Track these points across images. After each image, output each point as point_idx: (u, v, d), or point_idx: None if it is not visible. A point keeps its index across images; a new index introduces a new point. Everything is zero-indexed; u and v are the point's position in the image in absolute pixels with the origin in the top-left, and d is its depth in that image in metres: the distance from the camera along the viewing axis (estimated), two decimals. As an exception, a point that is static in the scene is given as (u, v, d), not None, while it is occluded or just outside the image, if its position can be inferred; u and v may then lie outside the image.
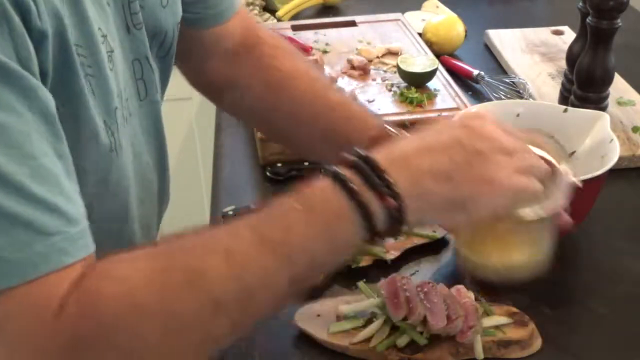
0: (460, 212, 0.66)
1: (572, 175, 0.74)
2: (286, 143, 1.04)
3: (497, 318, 0.85)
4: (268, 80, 0.94)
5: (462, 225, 0.70)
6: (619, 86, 1.33)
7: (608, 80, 1.20)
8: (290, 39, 1.45)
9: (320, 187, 0.63)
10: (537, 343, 0.84)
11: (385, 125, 0.87)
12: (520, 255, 0.77)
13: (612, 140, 0.97)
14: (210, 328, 0.60)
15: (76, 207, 0.58)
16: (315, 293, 0.90)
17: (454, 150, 0.65)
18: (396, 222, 0.63)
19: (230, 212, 1.04)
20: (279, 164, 1.15)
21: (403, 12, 1.63)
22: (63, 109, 0.60)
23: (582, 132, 1.02)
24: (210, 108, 1.41)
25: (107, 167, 0.70)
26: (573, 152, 1.02)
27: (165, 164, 0.88)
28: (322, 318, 0.85)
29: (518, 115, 1.04)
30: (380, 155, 0.64)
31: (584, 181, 0.89)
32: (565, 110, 1.04)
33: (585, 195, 0.93)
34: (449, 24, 1.53)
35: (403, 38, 1.48)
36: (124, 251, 0.60)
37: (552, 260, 0.77)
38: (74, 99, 0.64)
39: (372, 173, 0.62)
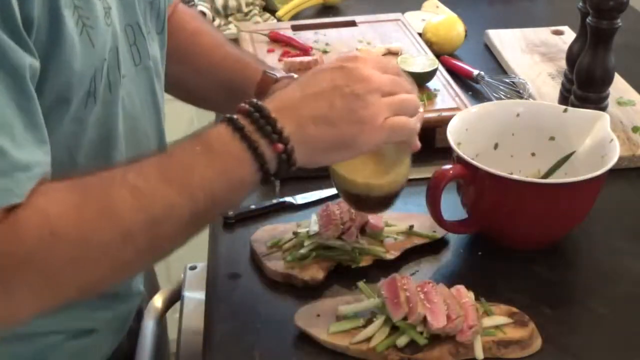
0: (343, 151, 0.75)
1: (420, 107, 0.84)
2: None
3: (497, 318, 0.85)
4: (177, 41, 1.02)
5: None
6: (619, 86, 1.33)
7: (608, 80, 1.20)
8: (291, 39, 1.46)
9: (219, 132, 0.71)
10: (537, 343, 0.84)
11: (266, 70, 0.96)
12: (378, 174, 0.86)
13: (612, 140, 0.97)
14: (119, 256, 0.68)
15: (28, 154, 0.64)
16: (315, 293, 0.90)
17: (333, 94, 0.73)
18: (286, 164, 0.72)
19: (230, 212, 1.04)
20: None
21: (403, 12, 1.63)
22: (49, 54, 0.67)
23: (582, 132, 1.02)
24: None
25: (81, 108, 0.75)
26: (573, 152, 1.02)
27: (163, 135, 0.93)
28: (322, 318, 0.85)
29: (518, 115, 1.04)
30: (271, 105, 0.73)
31: (585, 181, 0.89)
32: (565, 110, 1.04)
33: (585, 195, 0.94)
34: (449, 24, 1.53)
35: (403, 38, 1.48)
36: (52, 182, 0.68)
37: (407, 177, 0.87)
38: (62, 45, 0.69)
39: (263, 121, 0.71)
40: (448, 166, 0.93)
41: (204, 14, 1.62)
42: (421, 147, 0.85)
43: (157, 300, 1.10)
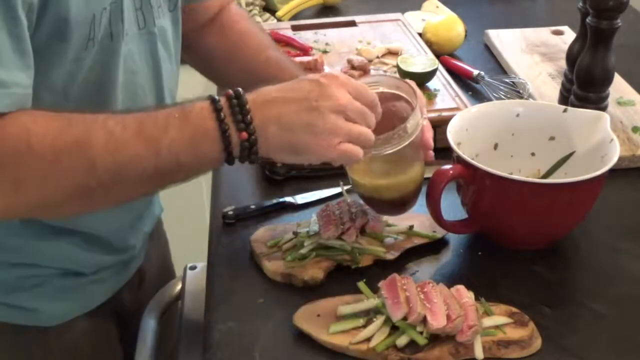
0: (296, 155, 0.83)
1: (425, 115, 0.91)
2: None
3: (497, 318, 0.85)
4: (226, 40, 1.11)
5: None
6: (619, 86, 1.32)
7: (608, 80, 1.20)
8: (291, 39, 1.46)
9: (201, 106, 0.80)
10: (537, 343, 0.84)
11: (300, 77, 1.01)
12: (384, 178, 0.92)
13: (612, 140, 0.97)
14: (83, 183, 0.77)
15: (9, 75, 0.73)
16: (315, 293, 0.90)
17: (301, 104, 0.81)
18: (247, 152, 0.81)
19: (230, 212, 1.04)
20: (279, 164, 1.15)
21: (403, 12, 1.63)
22: None
23: (582, 132, 1.02)
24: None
25: (80, 49, 0.83)
26: (573, 152, 1.02)
27: (162, 93, 0.98)
28: (322, 318, 0.85)
29: (518, 115, 1.04)
30: (251, 97, 0.81)
31: (585, 181, 0.89)
32: (565, 111, 1.04)
33: (586, 195, 0.94)
34: (449, 24, 1.53)
35: (403, 38, 1.48)
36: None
37: (420, 182, 0.94)
38: None
39: (238, 109, 0.80)
40: (448, 166, 0.93)
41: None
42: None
43: (157, 300, 1.11)
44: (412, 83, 0.93)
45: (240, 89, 0.81)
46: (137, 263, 1.10)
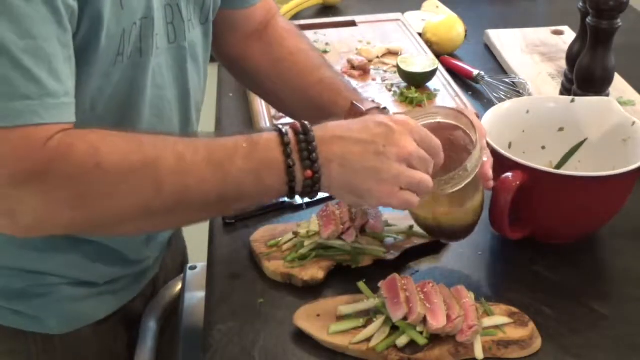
0: (355, 198, 0.82)
1: (485, 149, 0.91)
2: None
3: (497, 318, 0.85)
4: (274, 56, 1.09)
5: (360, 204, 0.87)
6: (619, 86, 1.33)
7: (608, 80, 1.20)
8: (290, 39, 1.45)
9: (269, 138, 0.80)
10: (537, 343, 0.84)
11: (354, 102, 0.99)
12: (445, 211, 0.92)
13: (634, 123, 0.99)
14: (147, 204, 0.77)
15: (60, 85, 0.73)
16: (315, 293, 0.90)
17: (367, 147, 0.80)
18: (310, 189, 0.81)
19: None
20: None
21: (403, 12, 1.63)
22: (83, 6, 0.75)
23: (591, 120, 1.04)
24: (211, 108, 1.41)
25: (109, 65, 0.82)
26: (585, 140, 1.04)
27: (188, 109, 0.98)
28: (322, 318, 0.85)
29: (528, 112, 1.05)
30: (319, 133, 0.80)
31: (615, 176, 0.91)
32: (573, 101, 1.05)
33: (632, 182, 0.94)
34: (449, 24, 1.53)
35: (403, 38, 1.48)
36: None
37: (480, 212, 0.94)
38: (96, 2, 0.77)
39: (305, 144, 0.79)
40: (508, 175, 0.91)
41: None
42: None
43: (157, 300, 1.11)
44: (472, 115, 0.93)
45: (307, 124, 0.80)
46: (151, 274, 1.08)
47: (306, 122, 0.81)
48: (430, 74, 1.30)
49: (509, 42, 1.54)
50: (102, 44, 0.79)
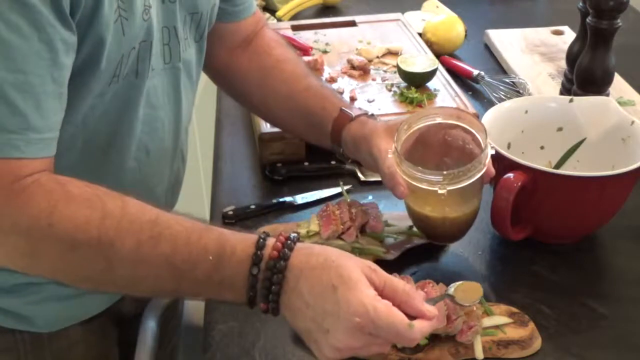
0: (311, 343, 0.75)
1: (489, 156, 0.90)
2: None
3: (497, 318, 0.85)
4: (262, 64, 1.08)
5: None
6: (619, 86, 1.33)
7: (608, 80, 1.20)
8: (290, 39, 1.45)
9: (238, 259, 0.74)
10: (537, 343, 0.84)
11: (342, 108, 1.00)
12: (453, 210, 0.91)
13: (633, 122, 0.99)
14: (96, 277, 0.76)
15: (45, 121, 0.73)
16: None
17: (311, 326, 0.73)
18: (270, 314, 0.76)
19: (230, 212, 1.04)
20: (279, 164, 1.15)
21: (403, 12, 1.63)
22: (87, 30, 0.76)
23: (590, 119, 1.04)
24: (210, 108, 1.41)
25: (105, 85, 0.82)
26: (584, 139, 1.04)
27: (179, 127, 0.98)
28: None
29: (526, 112, 1.05)
30: (296, 261, 0.74)
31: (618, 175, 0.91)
32: (571, 101, 1.06)
33: (619, 189, 0.95)
34: (449, 24, 1.53)
35: (403, 38, 1.48)
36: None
37: (477, 212, 0.94)
38: (97, 25, 0.77)
39: (269, 284, 0.73)
40: (509, 175, 0.91)
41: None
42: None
43: (157, 301, 1.10)
44: (474, 116, 0.94)
45: (286, 252, 0.74)
46: None
47: (288, 246, 0.74)
48: (430, 74, 1.30)
49: (509, 42, 1.54)
50: (102, 68, 0.80)
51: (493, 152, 0.93)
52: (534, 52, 1.50)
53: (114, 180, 0.85)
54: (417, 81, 1.29)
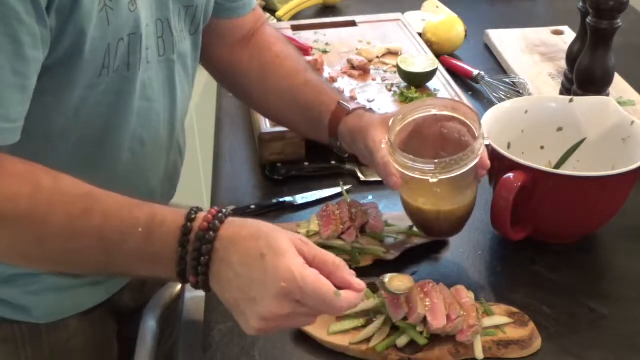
0: (239, 315, 0.74)
1: (484, 141, 0.90)
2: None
3: (497, 318, 0.85)
4: (262, 60, 1.09)
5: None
6: (619, 86, 1.33)
7: (608, 80, 1.20)
8: (290, 39, 1.45)
9: (168, 230, 0.74)
10: (537, 343, 0.84)
11: (340, 101, 1.01)
12: (448, 203, 0.91)
13: (633, 122, 0.99)
14: (27, 252, 0.76)
15: (3, 110, 0.73)
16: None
17: (238, 294, 0.73)
18: (200, 288, 0.75)
19: (230, 212, 1.04)
20: (279, 164, 1.15)
21: (403, 12, 1.63)
22: (68, 18, 0.76)
23: (590, 119, 1.04)
24: (211, 108, 1.41)
25: (93, 77, 0.82)
26: (584, 139, 1.04)
27: (174, 119, 0.98)
28: (322, 318, 0.85)
29: (526, 112, 1.05)
30: (222, 237, 0.73)
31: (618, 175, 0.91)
32: (571, 100, 1.06)
33: (619, 189, 0.94)
34: (449, 24, 1.53)
35: (403, 38, 1.48)
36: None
37: (473, 206, 0.94)
38: (79, 13, 0.77)
39: (198, 255, 0.73)
40: (510, 175, 0.91)
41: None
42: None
43: (157, 300, 1.11)
44: (470, 106, 0.93)
45: (216, 223, 0.74)
46: None
47: (218, 218, 0.74)
48: (430, 74, 1.30)
49: (509, 42, 1.54)
50: (86, 58, 0.80)
51: (488, 142, 0.93)
52: (534, 52, 1.50)
53: (108, 172, 0.87)
54: (417, 81, 1.29)
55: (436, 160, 0.86)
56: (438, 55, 1.43)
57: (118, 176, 0.89)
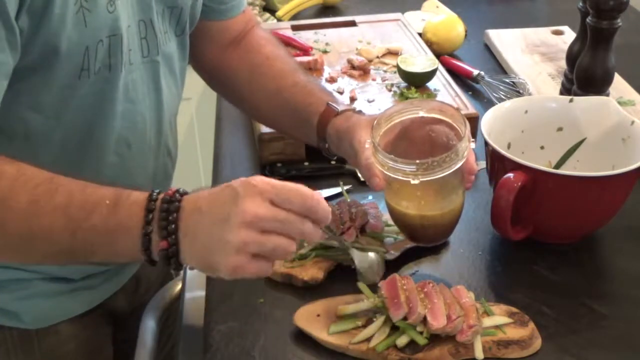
0: (212, 271, 0.74)
1: (470, 142, 0.89)
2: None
3: (497, 318, 0.85)
4: (252, 62, 1.09)
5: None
6: (619, 86, 1.33)
7: (608, 80, 1.20)
8: (291, 39, 1.46)
9: (134, 201, 0.75)
10: (537, 343, 0.84)
11: (329, 102, 1.00)
12: (432, 208, 0.90)
13: (633, 122, 0.99)
14: None
15: None
16: (315, 293, 0.90)
17: (214, 217, 0.73)
18: (168, 260, 0.74)
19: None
20: (279, 164, 1.15)
21: (403, 12, 1.63)
22: (41, 21, 0.75)
23: (590, 119, 1.04)
24: (210, 108, 1.41)
25: (73, 78, 0.82)
26: (584, 139, 1.04)
27: (162, 121, 0.97)
28: (322, 318, 0.85)
29: (526, 112, 1.05)
30: (187, 203, 0.74)
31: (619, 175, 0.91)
32: (571, 100, 1.06)
33: (620, 189, 0.94)
34: (449, 24, 1.53)
35: (403, 38, 1.48)
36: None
37: (461, 212, 0.93)
38: (51, 16, 0.76)
39: (166, 215, 0.73)
40: (510, 175, 0.91)
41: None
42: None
43: (157, 301, 1.11)
44: (456, 108, 0.93)
45: (181, 192, 0.75)
46: (132, 269, 1.08)
47: (181, 190, 0.76)
48: (430, 74, 1.30)
49: (509, 42, 1.54)
50: (62, 59, 0.79)
51: (474, 146, 0.92)
52: (534, 52, 1.50)
53: (94, 174, 0.86)
54: (417, 81, 1.29)
55: (418, 161, 0.85)
56: (438, 55, 1.43)
57: (104, 179, 0.88)
